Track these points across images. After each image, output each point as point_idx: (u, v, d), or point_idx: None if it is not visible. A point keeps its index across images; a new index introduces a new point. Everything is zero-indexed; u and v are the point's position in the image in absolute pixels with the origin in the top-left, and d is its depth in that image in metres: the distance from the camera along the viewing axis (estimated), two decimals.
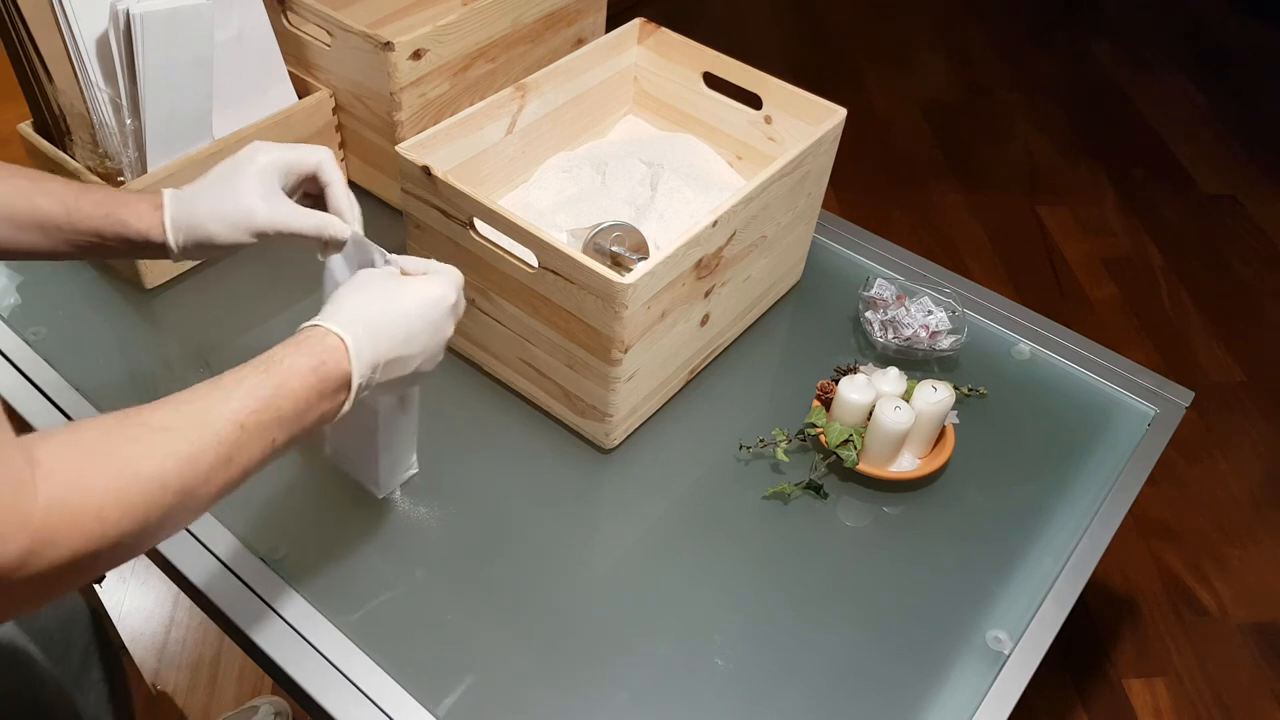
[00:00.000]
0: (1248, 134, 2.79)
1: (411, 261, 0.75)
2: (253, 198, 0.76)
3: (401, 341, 0.70)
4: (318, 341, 0.65)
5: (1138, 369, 1.10)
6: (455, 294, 0.74)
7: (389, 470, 0.87)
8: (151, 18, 0.95)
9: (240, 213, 0.76)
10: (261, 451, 0.61)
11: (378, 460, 0.85)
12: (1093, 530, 0.94)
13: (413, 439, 0.88)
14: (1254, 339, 2.18)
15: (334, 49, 1.11)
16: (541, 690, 0.79)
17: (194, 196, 0.77)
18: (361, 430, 0.84)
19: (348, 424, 0.70)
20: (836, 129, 1.03)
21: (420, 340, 0.71)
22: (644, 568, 0.89)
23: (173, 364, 1.04)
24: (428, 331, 0.72)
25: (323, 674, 0.79)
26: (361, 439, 0.85)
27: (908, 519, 0.95)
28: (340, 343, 0.66)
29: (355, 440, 0.86)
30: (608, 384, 0.89)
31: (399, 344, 0.69)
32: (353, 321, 0.67)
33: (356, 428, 0.83)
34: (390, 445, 0.85)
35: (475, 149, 1.03)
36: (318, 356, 0.64)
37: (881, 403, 0.93)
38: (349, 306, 0.69)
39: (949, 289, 1.15)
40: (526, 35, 1.20)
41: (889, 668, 0.83)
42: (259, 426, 0.60)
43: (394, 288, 0.72)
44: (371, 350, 0.67)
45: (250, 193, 0.76)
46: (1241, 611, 1.68)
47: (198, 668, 1.51)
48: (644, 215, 1.08)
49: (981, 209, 2.48)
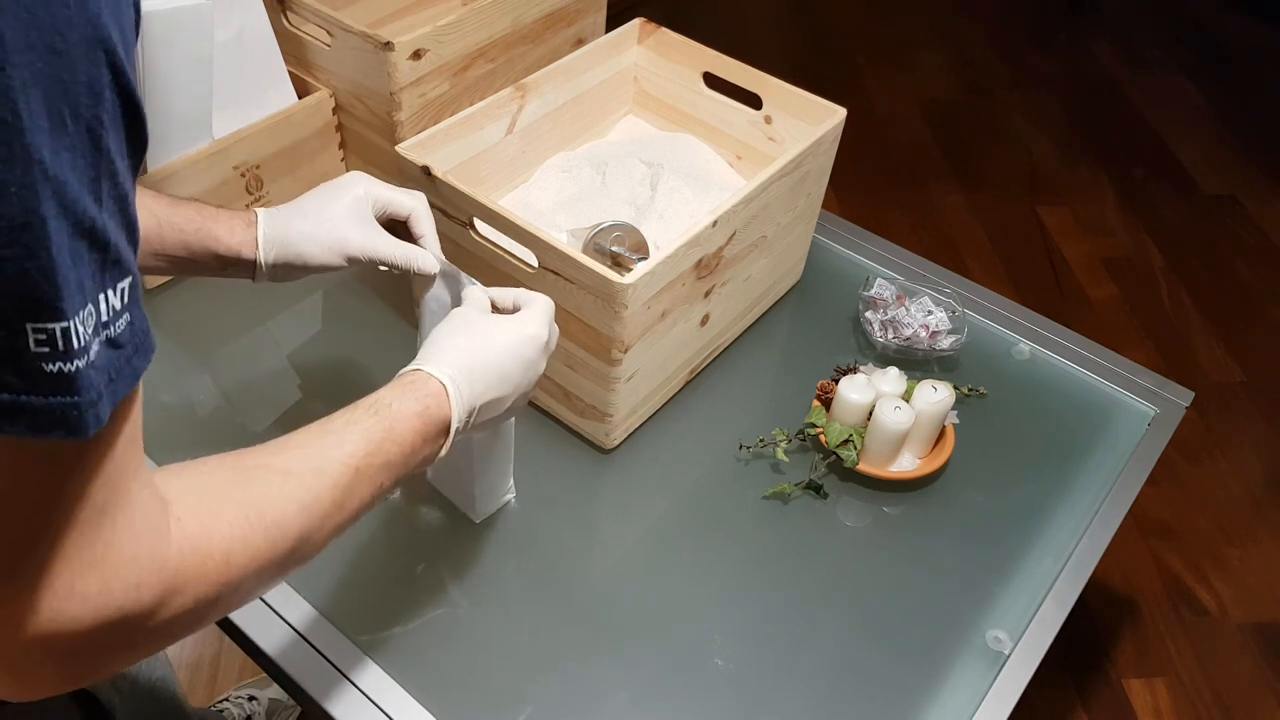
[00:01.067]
0: (1248, 134, 2.79)
1: (501, 292, 0.76)
2: (347, 224, 0.78)
3: (496, 383, 0.70)
4: (421, 386, 0.66)
5: (1138, 369, 1.10)
6: (548, 329, 0.74)
7: (485, 496, 0.88)
8: (151, 18, 0.94)
9: (335, 236, 0.78)
10: (371, 495, 0.61)
11: (474, 487, 0.86)
12: (1093, 530, 0.94)
13: (508, 466, 0.89)
14: (1254, 339, 2.18)
15: (334, 49, 1.11)
16: (541, 689, 0.79)
17: (287, 217, 0.78)
18: (459, 459, 0.85)
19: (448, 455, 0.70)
20: (836, 129, 1.03)
21: (513, 380, 0.72)
22: (644, 568, 0.89)
23: (172, 364, 1.04)
24: (521, 369, 0.72)
25: (320, 672, 0.79)
26: (459, 467, 0.86)
27: (908, 519, 0.95)
28: (442, 388, 0.66)
29: (453, 467, 0.88)
30: (608, 384, 0.89)
31: (494, 385, 0.70)
32: (452, 366, 0.68)
33: (455, 455, 0.84)
34: (486, 473, 0.86)
35: (475, 149, 1.03)
36: (422, 401, 0.65)
37: (881, 403, 0.93)
38: (448, 349, 0.69)
39: (949, 289, 1.15)
40: (526, 35, 1.20)
41: (889, 668, 0.83)
42: (370, 470, 0.60)
43: (490, 330, 0.72)
44: (469, 394, 0.68)
45: (345, 218, 0.78)
46: (1241, 611, 1.68)
47: (197, 668, 1.51)
48: (644, 215, 1.08)
49: (981, 209, 2.47)
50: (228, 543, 0.49)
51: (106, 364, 0.38)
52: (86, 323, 0.37)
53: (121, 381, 0.40)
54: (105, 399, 0.38)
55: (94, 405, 0.38)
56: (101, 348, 0.38)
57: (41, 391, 0.36)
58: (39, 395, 0.36)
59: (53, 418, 0.36)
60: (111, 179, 0.37)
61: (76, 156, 0.35)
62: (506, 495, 0.91)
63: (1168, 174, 2.64)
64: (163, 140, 1.03)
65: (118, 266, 0.39)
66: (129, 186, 0.39)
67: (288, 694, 1.36)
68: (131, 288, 0.40)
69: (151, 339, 0.42)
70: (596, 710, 0.79)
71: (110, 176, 0.37)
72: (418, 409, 0.64)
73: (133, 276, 0.40)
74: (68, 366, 0.36)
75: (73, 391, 0.37)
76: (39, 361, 0.35)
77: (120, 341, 0.39)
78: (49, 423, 0.36)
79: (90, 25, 0.35)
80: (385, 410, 0.62)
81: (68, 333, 0.36)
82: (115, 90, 0.37)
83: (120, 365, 0.39)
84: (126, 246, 0.39)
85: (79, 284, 0.36)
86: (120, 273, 0.39)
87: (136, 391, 0.43)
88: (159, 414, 0.98)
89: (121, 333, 0.39)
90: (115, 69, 0.37)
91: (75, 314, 0.36)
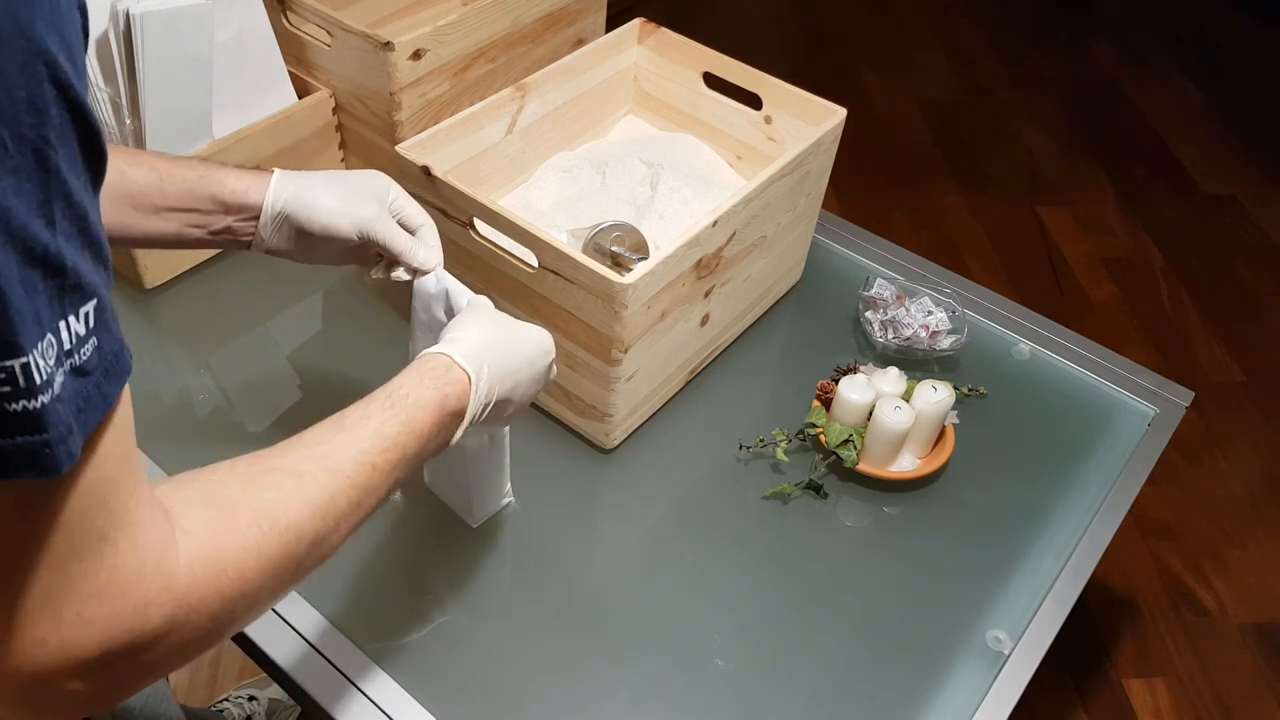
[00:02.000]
0: (1248, 134, 2.79)
1: None
2: (367, 200, 0.77)
3: (510, 384, 0.69)
4: (443, 374, 0.64)
5: (1138, 369, 1.10)
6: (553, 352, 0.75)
7: (481, 502, 0.88)
8: (151, 18, 0.95)
9: (353, 205, 0.76)
10: (386, 491, 0.59)
11: (470, 492, 0.86)
12: (1093, 530, 0.94)
13: (504, 472, 0.89)
14: (1254, 339, 2.18)
15: (334, 49, 1.11)
16: (541, 689, 0.79)
17: (307, 176, 0.77)
18: (454, 464, 0.85)
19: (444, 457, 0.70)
20: (836, 129, 1.03)
21: (523, 385, 0.71)
22: (644, 568, 0.89)
23: (172, 364, 1.04)
24: (531, 377, 0.72)
25: (320, 672, 0.79)
26: (455, 472, 0.86)
27: (908, 519, 0.95)
28: (465, 376, 0.65)
29: (449, 472, 0.88)
30: (608, 384, 0.89)
31: (508, 386, 0.69)
32: (478, 358, 0.66)
33: (450, 461, 0.85)
34: (482, 479, 0.86)
35: (475, 149, 1.03)
36: (441, 390, 0.63)
37: (881, 403, 0.93)
38: (475, 341, 0.68)
39: (949, 289, 1.15)
40: (526, 35, 1.20)
41: (889, 668, 0.83)
42: (387, 466, 0.58)
43: (516, 329, 0.71)
44: (487, 389, 0.67)
45: (366, 196, 0.77)
46: (1241, 611, 1.68)
47: (197, 668, 1.51)
48: (644, 215, 1.08)
49: (981, 209, 2.47)
50: (240, 554, 0.47)
51: (74, 394, 0.37)
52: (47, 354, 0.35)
53: (92, 410, 0.38)
54: (76, 432, 0.37)
55: (64, 440, 0.36)
56: (66, 378, 0.36)
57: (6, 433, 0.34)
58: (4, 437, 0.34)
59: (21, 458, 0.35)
60: (65, 199, 0.35)
61: (21, 180, 0.33)
62: (504, 500, 0.91)
63: (1168, 174, 2.64)
64: (163, 140, 1.03)
65: (78, 291, 0.36)
66: (88, 204, 0.37)
67: (288, 695, 1.36)
68: (97, 310, 0.38)
69: (125, 360, 0.40)
70: (597, 710, 0.79)
71: (64, 197, 0.35)
72: (436, 398, 0.62)
73: (98, 299, 0.38)
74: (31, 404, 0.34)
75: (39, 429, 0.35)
76: None
77: (87, 368, 0.37)
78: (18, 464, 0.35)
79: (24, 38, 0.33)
80: (403, 402, 0.61)
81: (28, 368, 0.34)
82: (62, 105, 0.35)
83: (89, 393, 0.38)
84: (90, 267, 0.37)
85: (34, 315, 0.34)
86: (82, 296, 0.37)
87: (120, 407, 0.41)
88: (159, 414, 0.98)
89: (88, 359, 0.37)
90: (59, 82, 0.34)
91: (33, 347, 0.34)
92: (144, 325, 1.07)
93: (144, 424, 0.55)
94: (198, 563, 0.45)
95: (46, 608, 0.39)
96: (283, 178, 0.76)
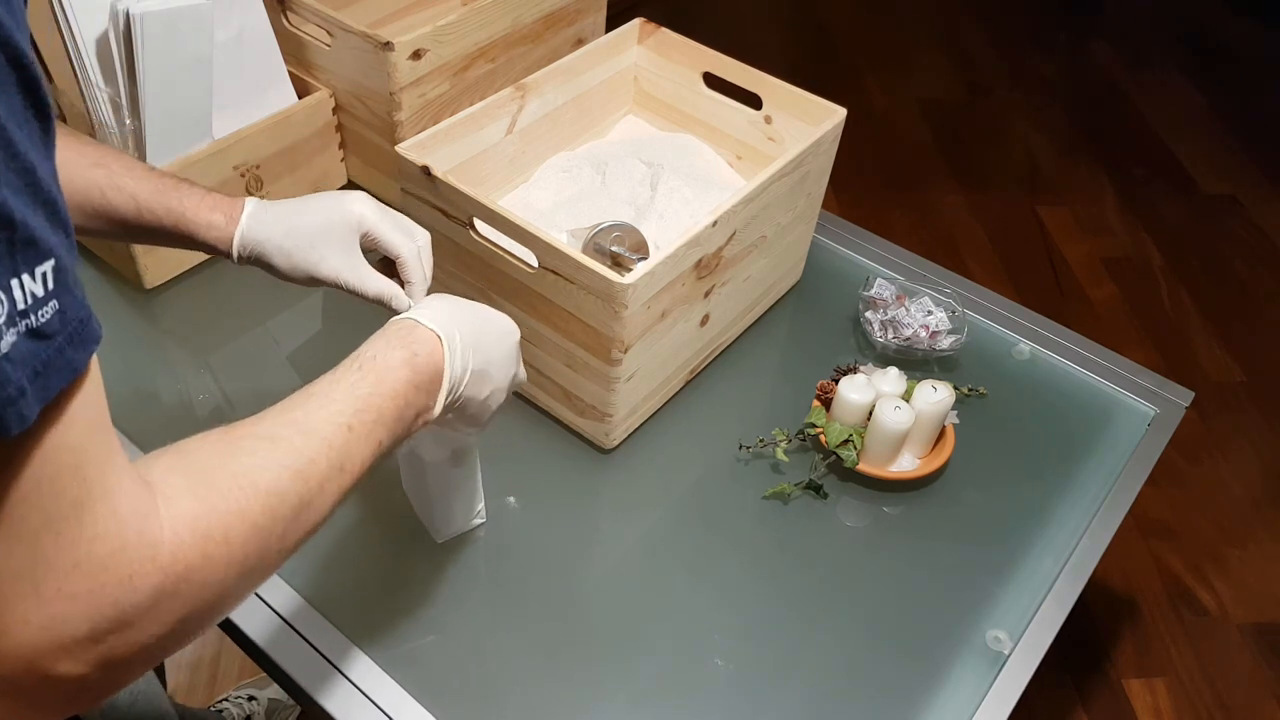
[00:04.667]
0: (1248, 134, 2.79)
1: None
2: (326, 245, 0.75)
3: (484, 360, 0.68)
4: (408, 333, 0.63)
5: (1138, 369, 1.10)
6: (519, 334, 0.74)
7: (444, 519, 0.87)
8: (151, 18, 0.95)
9: (310, 260, 0.75)
10: (371, 454, 0.58)
11: (432, 508, 0.85)
12: (1093, 530, 0.94)
13: (474, 492, 0.87)
14: (1254, 339, 2.18)
15: (334, 49, 1.11)
16: (540, 689, 0.79)
17: (271, 222, 0.76)
18: (418, 477, 0.84)
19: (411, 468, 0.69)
20: (836, 129, 1.03)
21: (496, 366, 0.70)
22: (644, 568, 0.89)
23: (173, 364, 1.04)
24: (504, 356, 0.71)
25: (320, 672, 0.79)
26: (419, 486, 0.85)
27: (908, 519, 0.95)
28: (432, 335, 0.64)
29: (416, 486, 0.87)
30: (608, 384, 0.89)
31: (483, 361, 0.67)
32: (446, 323, 0.65)
33: (414, 474, 0.84)
34: (445, 496, 0.85)
35: (475, 149, 1.03)
36: (409, 348, 0.62)
37: (881, 403, 0.93)
38: (441, 308, 0.67)
39: (949, 289, 1.15)
40: (526, 35, 1.20)
41: (889, 668, 0.83)
42: (364, 427, 0.57)
43: (481, 308, 0.70)
44: (463, 355, 0.65)
45: (326, 238, 0.75)
46: (1241, 611, 1.68)
47: (197, 668, 1.51)
48: (644, 215, 1.08)
49: (981, 209, 2.47)
50: (225, 518, 0.46)
51: (28, 356, 0.35)
52: None
53: (53, 375, 0.37)
54: (30, 395, 0.36)
55: (14, 402, 0.35)
56: (20, 339, 0.35)
57: None
58: None
59: None
60: (7, 149, 0.34)
61: None
62: (474, 520, 0.89)
63: (1168, 174, 2.64)
64: (163, 140, 1.03)
65: (31, 248, 0.35)
66: (36, 159, 0.35)
67: (288, 694, 1.36)
68: (57, 271, 0.36)
69: (94, 328, 0.39)
70: (597, 709, 0.79)
71: (5, 147, 0.34)
72: (405, 356, 0.61)
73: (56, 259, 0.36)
74: None
75: None
76: None
77: (47, 331, 0.36)
78: None
79: None
80: (370, 364, 0.60)
81: None
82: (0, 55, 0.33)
83: (49, 357, 0.36)
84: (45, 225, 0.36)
85: None
86: (36, 255, 0.35)
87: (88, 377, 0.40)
88: (159, 414, 0.98)
89: (48, 322, 0.36)
90: None
91: None
92: (144, 325, 1.07)
93: (144, 424, 0.55)
94: (183, 529, 0.44)
95: (25, 584, 0.38)
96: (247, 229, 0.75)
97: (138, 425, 0.92)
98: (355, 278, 0.76)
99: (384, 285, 0.77)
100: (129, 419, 0.95)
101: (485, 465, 0.95)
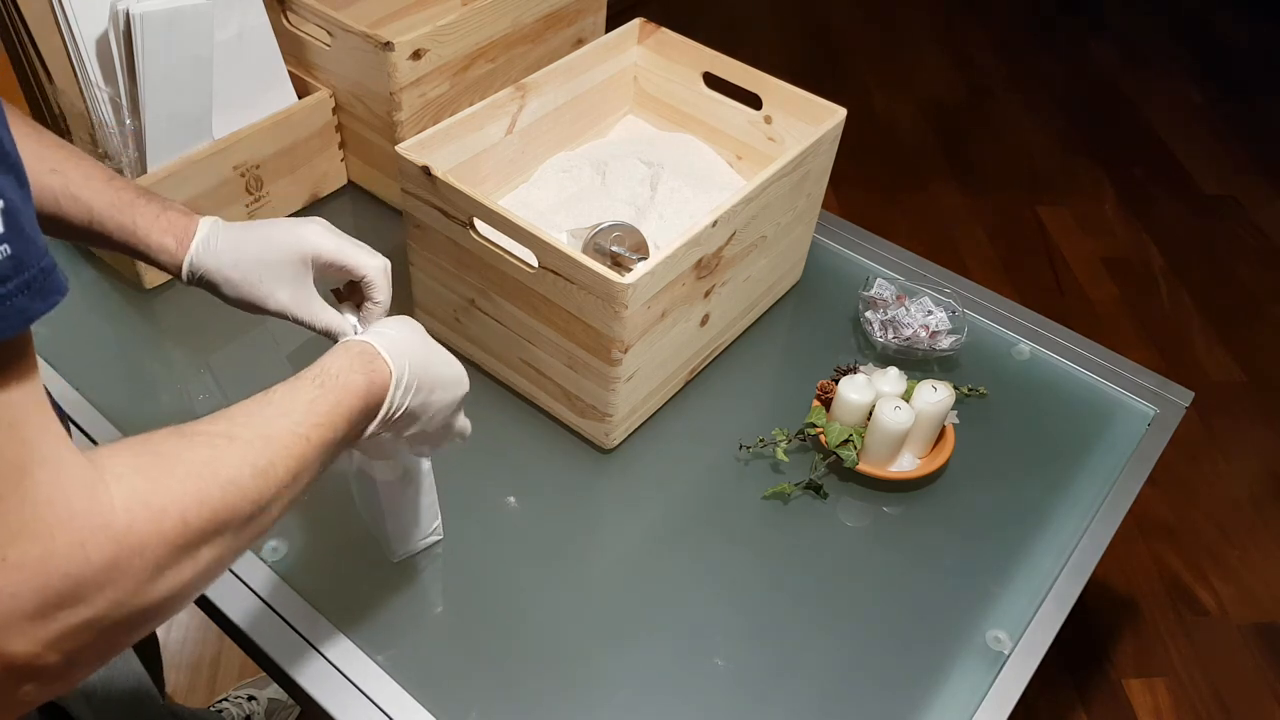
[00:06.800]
0: (1248, 134, 2.79)
1: None
2: (274, 282, 0.74)
3: (421, 401, 0.67)
4: (369, 362, 0.62)
5: (1138, 369, 1.10)
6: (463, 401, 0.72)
7: (399, 537, 0.86)
8: (151, 18, 0.95)
9: (258, 294, 0.74)
10: (320, 468, 0.57)
11: (385, 526, 0.84)
12: (1093, 530, 0.94)
13: (429, 510, 0.86)
14: (1254, 339, 2.18)
15: (334, 49, 1.11)
16: (541, 689, 0.79)
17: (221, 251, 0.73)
18: (369, 496, 0.83)
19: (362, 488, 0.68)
20: (836, 129, 1.03)
21: (433, 410, 0.68)
22: (644, 567, 0.89)
23: (172, 364, 1.04)
24: (443, 405, 0.69)
25: (320, 672, 0.79)
26: (371, 504, 0.84)
27: (908, 519, 0.95)
28: (387, 369, 0.63)
29: (367, 504, 0.86)
30: (608, 384, 0.89)
31: (419, 401, 0.66)
32: (402, 355, 0.64)
33: (365, 493, 0.83)
34: (397, 514, 0.84)
35: (475, 149, 1.03)
36: (369, 377, 0.61)
37: (881, 403, 0.93)
38: (400, 339, 0.66)
39: (949, 289, 1.15)
40: (526, 35, 1.20)
41: (889, 668, 0.83)
42: (320, 443, 0.56)
43: (439, 351, 0.69)
44: (402, 393, 0.64)
45: (276, 276, 0.73)
46: (1241, 611, 1.68)
47: (197, 668, 1.51)
48: (644, 215, 1.08)
49: (981, 209, 2.48)
50: (181, 498, 0.44)
51: None
52: None
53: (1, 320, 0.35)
54: None
55: None
56: None
57: None
58: None
59: None
60: None
61: None
62: (429, 538, 0.88)
63: (1168, 174, 2.64)
64: (163, 140, 1.03)
65: None
66: None
67: (287, 693, 1.36)
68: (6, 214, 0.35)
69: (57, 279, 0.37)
70: (596, 709, 0.79)
71: None
72: (364, 384, 0.61)
73: (5, 201, 0.34)
74: None
75: None
76: None
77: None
78: None
79: None
80: (333, 382, 0.59)
81: None
82: None
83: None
84: None
85: None
86: None
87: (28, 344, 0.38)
88: (159, 414, 0.98)
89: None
90: None
91: None
92: (144, 325, 1.07)
93: (144, 424, 0.54)
94: (135, 504, 0.42)
95: None
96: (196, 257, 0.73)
97: (137, 425, 0.92)
98: (306, 313, 0.75)
99: (333, 319, 0.76)
100: (129, 419, 0.95)
101: (485, 465, 0.95)
